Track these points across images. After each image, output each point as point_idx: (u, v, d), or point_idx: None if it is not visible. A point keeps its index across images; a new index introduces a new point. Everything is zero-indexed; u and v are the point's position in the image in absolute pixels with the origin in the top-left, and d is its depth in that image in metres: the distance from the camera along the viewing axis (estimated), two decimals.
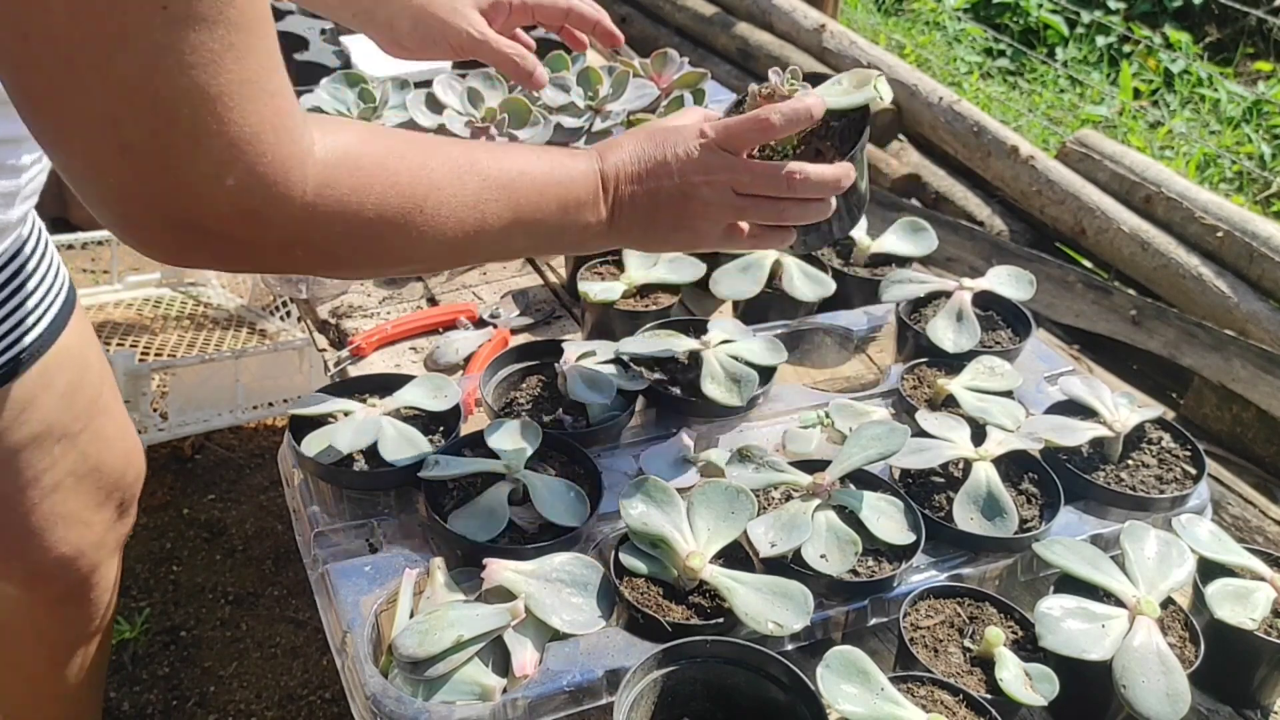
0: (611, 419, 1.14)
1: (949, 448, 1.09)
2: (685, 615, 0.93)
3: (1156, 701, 0.87)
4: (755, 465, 1.05)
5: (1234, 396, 2.67)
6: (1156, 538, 1.01)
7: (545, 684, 0.88)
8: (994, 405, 1.17)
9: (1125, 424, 1.13)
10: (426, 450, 1.07)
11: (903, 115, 3.38)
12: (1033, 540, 1.03)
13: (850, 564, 0.97)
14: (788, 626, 0.90)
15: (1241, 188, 3.91)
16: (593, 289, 1.29)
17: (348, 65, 1.75)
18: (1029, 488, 1.10)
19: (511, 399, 1.19)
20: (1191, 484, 1.12)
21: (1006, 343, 1.31)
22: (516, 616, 0.90)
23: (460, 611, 0.89)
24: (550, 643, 0.91)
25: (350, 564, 0.99)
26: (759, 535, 0.97)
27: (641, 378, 1.18)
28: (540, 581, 0.93)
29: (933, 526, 1.03)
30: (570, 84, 1.64)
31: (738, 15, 3.77)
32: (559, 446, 1.11)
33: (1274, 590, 1.00)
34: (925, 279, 1.34)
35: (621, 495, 0.98)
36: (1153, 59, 4.61)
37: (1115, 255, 2.93)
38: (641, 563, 0.96)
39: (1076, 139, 3.13)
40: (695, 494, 0.99)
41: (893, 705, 0.83)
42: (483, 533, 0.99)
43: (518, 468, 1.04)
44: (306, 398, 1.14)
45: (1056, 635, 0.91)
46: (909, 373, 1.25)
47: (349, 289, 1.43)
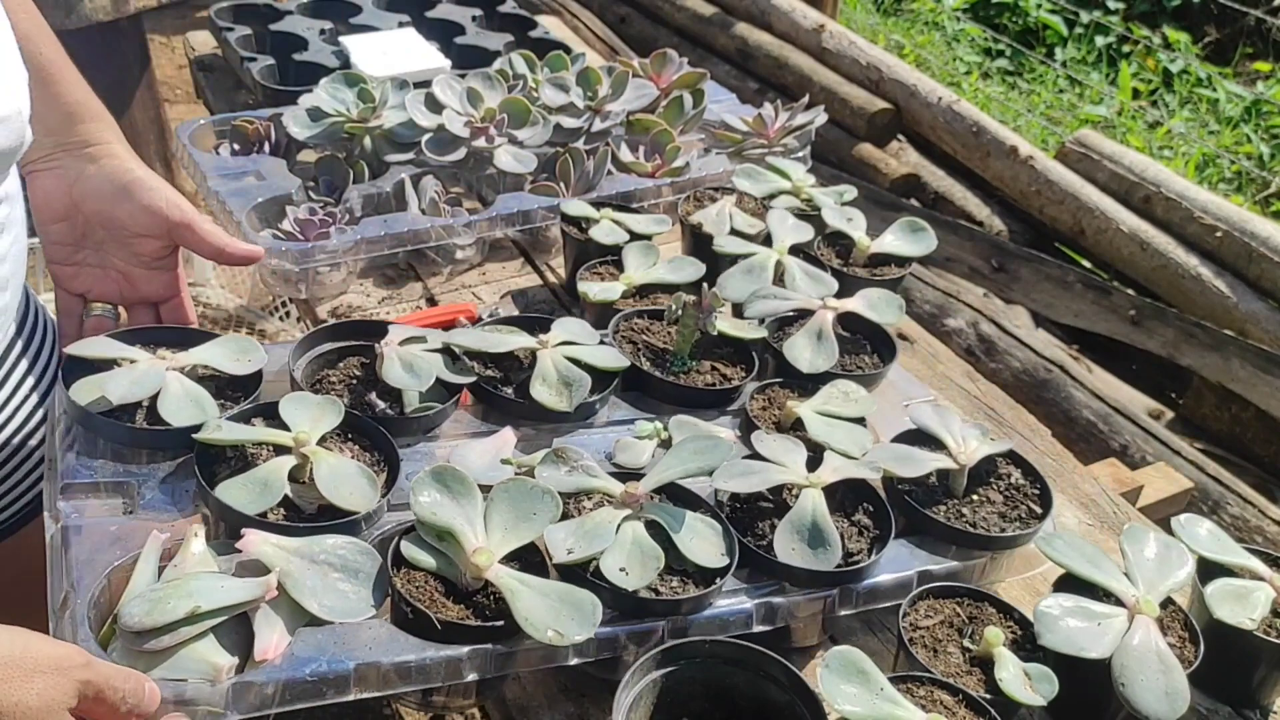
0: (428, 409, 1.07)
1: (779, 472, 1.02)
2: (462, 615, 0.87)
3: (1155, 700, 0.87)
4: (569, 468, 0.98)
5: (1233, 396, 2.67)
6: (1156, 539, 1.01)
7: (285, 670, 0.80)
8: (840, 431, 1.10)
9: (971, 457, 1.07)
10: (212, 413, 0.99)
11: (902, 115, 3.38)
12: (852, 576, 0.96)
13: (650, 579, 0.90)
14: (569, 637, 0.84)
15: (1240, 188, 3.91)
16: (592, 289, 1.29)
17: (347, 65, 1.75)
18: (862, 519, 1.03)
19: (323, 377, 1.12)
20: (1036, 522, 1.05)
21: (869, 367, 1.25)
22: (267, 591, 0.82)
23: (203, 582, 0.81)
24: (303, 628, 0.84)
25: (94, 521, 0.90)
26: (557, 540, 0.91)
27: (470, 371, 1.12)
28: (303, 561, 0.86)
29: (749, 553, 0.97)
30: (569, 84, 1.64)
31: (737, 15, 3.77)
32: (365, 431, 1.03)
33: (1273, 590, 1.00)
34: (790, 295, 1.27)
35: (413, 481, 0.91)
36: (1152, 59, 4.61)
37: (1114, 255, 2.93)
38: (426, 555, 0.88)
39: (1075, 139, 3.13)
40: (496, 490, 0.92)
41: (892, 705, 0.83)
42: (252, 505, 0.90)
43: (307, 441, 0.95)
44: (91, 339, 1.05)
45: (1055, 634, 0.91)
46: (759, 392, 1.18)
47: (348, 289, 1.43)
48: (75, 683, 0.72)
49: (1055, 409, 2.52)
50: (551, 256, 1.52)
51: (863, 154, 3.32)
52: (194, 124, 1.56)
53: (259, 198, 1.41)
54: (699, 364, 1.21)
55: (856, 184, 2.16)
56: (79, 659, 0.73)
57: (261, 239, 1.33)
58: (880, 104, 3.34)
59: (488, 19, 2.08)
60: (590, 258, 1.37)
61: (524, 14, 2.10)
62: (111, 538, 0.89)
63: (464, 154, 1.51)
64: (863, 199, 1.75)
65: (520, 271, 1.50)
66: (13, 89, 0.93)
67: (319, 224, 1.36)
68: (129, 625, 0.78)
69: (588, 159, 1.52)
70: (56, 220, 1.10)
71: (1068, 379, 2.55)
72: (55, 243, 1.11)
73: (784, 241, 1.36)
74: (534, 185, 1.51)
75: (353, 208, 1.45)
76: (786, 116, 1.66)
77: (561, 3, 3.58)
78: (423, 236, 1.40)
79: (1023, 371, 2.59)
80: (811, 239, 1.41)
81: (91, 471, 0.96)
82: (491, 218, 1.43)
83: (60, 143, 1.07)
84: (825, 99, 3.31)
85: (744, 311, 1.26)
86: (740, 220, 1.42)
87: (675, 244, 1.49)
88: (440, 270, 1.47)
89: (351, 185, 1.47)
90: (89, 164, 1.08)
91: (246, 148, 1.55)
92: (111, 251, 1.12)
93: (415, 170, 1.50)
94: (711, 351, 1.23)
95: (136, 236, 1.11)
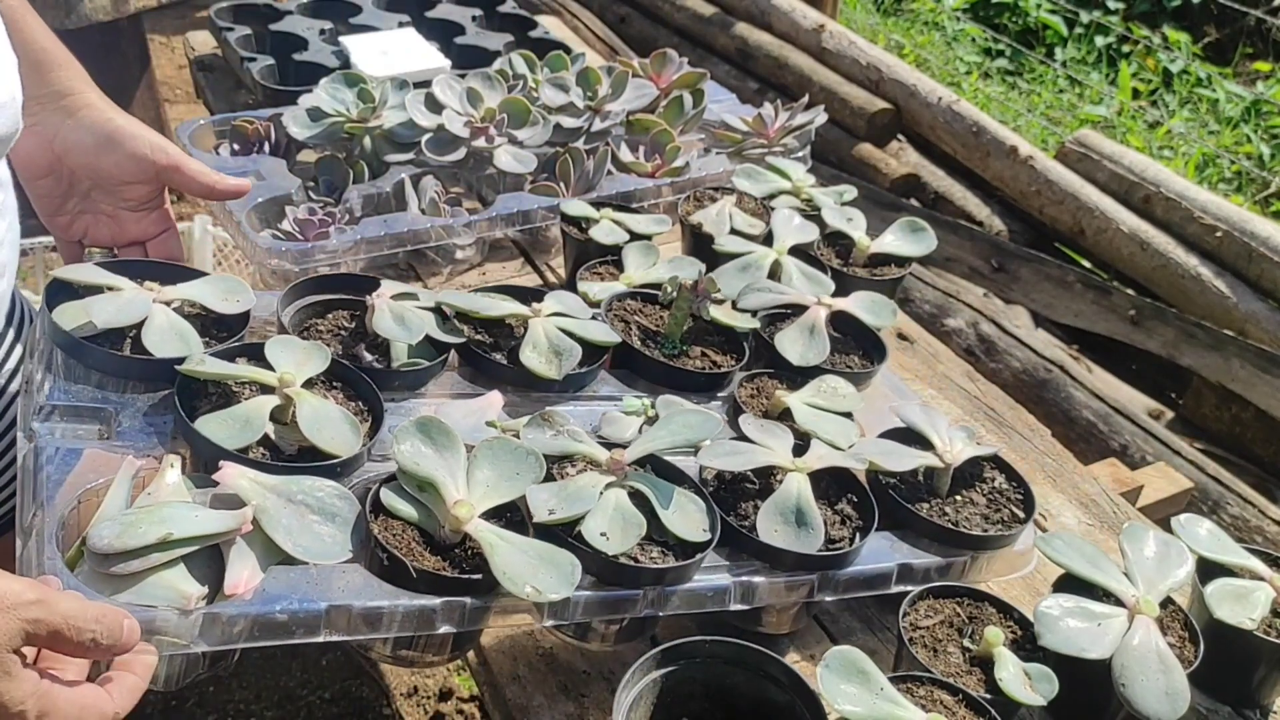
0: (415, 364, 1.07)
1: (764, 453, 1.02)
2: (438, 566, 0.85)
3: (1155, 700, 0.87)
4: (554, 431, 0.97)
5: (1233, 396, 2.67)
6: (1155, 538, 1.01)
7: (256, 605, 0.79)
8: (828, 422, 1.11)
9: (956, 457, 1.07)
10: (197, 348, 0.98)
11: (902, 115, 3.38)
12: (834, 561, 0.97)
13: (630, 546, 0.89)
14: (547, 593, 0.83)
15: (1240, 187, 3.91)
16: (592, 289, 1.29)
17: (346, 65, 1.75)
18: (846, 508, 1.03)
19: (311, 325, 1.11)
20: (1018, 526, 1.05)
21: (858, 367, 1.25)
22: (242, 523, 0.80)
23: (177, 510, 0.80)
24: (276, 566, 0.82)
25: (69, 444, 0.88)
26: (539, 500, 0.90)
27: (460, 334, 1.11)
28: (280, 499, 0.84)
29: (732, 531, 0.97)
30: (569, 84, 1.64)
31: (737, 15, 3.77)
32: (350, 381, 1.02)
33: (1273, 590, 1.00)
34: (784, 290, 1.27)
35: (397, 430, 0.90)
36: (1151, 59, 4.61)
37: (1114, 255, 2.93)
38: (406, 504, 0.87)
39: (1075, 139, 3.13)
40: (480, 447, 0.91)
41: (892, 705, 0.83)
42: (232, 440, 0.88)
43: (291, 383, 0.93)
44: (78, 265, 1.04)
45: (1056, 634, 0.91)
46: (749, 380, 1.19)
47: None
48: (20, 621, 0.69)
49: (1055, 409, 2.52)
50: (551, 256, 1.52)
51: (863, 154, 3.32)
52: (194, 124, 1.56)
53: (259, 198, 1.41)
54: (689, 349, 1.21)
55: (856, 184, 2.16)
56: (29, 595, 0.70)
57: (261, 239, 1.33)
58: (880, 104, 3.34)
59: (488, 19, 2.08)
60: (590, 258, 1.37)
61: (524, 14, 2.10)
62: (86, 461, 0.87)
63: (464, 154, 1.51)
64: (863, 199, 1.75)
65: (520, 271, 1.50)
66: (5, 75, 0.92)
67: (319, 224, 1.36)
68: (98, 547, 0.76)
69: (588, 159, 1.52)
70: (41, 176, 1.09)
71: (1068, 379, 2.55)
72: (43, 196, 1.11)
73: (785, 241, 1.36)
74: (534, 185, 1.51)
75: (353, 208, 1.45)
76: (786, 116, 1.66)
77: (561, 3, 3.57)
78: (423, 236, 1.40)
79: (1023, 371, 2.59)
80: (814, 239, 1.41)
81: (69, 395, 0.93)
82: (491, 218, 1.43)
83: (34, 96, 1.05)
84: (825, 99, 3.30)
85: (738, 303, 1.26)
86: (740, 220, 1.42)
87: (675, 244, 1.49)
88: (440, 270, 1.47)
89: (351, 185, 1.47)
90: (66, 117, 1.07)
91: (246, 148, 1.55)
92: (99, 199, 1.12)
93: (415, 170, 1.50)
94: (703, 338, 1.23)
95: (124, 184, 1.10)
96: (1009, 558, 1.05)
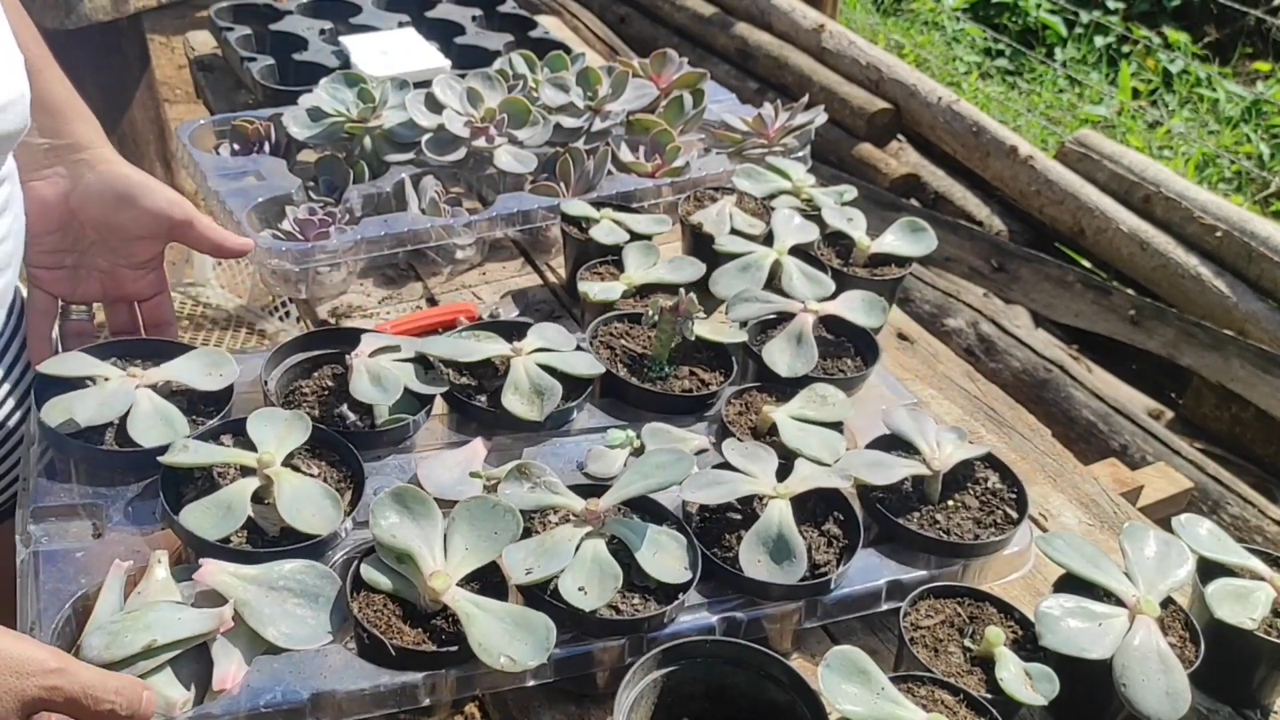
0: (398, 421, 1.07)
1: (746, 482, 1.00)
2: (418, 639, 0.86)
3: (1156, 700, 0.87)
4: (531, 484, 0.97)
5: (1233, 396, 2.67)
6: (1156, 538, 1.01)
7: (240, 701, 0.81)
8: (813, 437, 1.09)
9: (946, 462, 1.06)
10: (183, 432, 0.98)
11: (902, 115, 3.38)
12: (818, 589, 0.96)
13: (608, 598, 0.90)
14: (522, 663, 0.84)
15: (1240, 187, 3.91)
16: (592, 289, 1.29)
17: (346, 65, 1.75)
18: (832, 528, 1.02)
19: (296, 388, 1.11)
20: (1011, 528, 1.04)
21: (851, 370, 1.23)
22: (222, 624, 0.83)
23: (160, 614, 0.82)
24: (261, 656, 0.84)
25: (62, 548, 0.90)
26: (515, 561, 0.90)
27: (444, 380, 1.11)
28: (261, 588, 0.86)
29: (712, 566, 0.96)
30: (569, 84, 1.64)
31: (737, 15, 3.77)
32: (333, 445, 1.02)
33: (1274, 590, 1.00)
34: (771, 299, 1.25)
35: (374, 503, 0.91)
36: (1151, 59, 4.61)
37: (1114, 255, 2.93)
38: (385, 578, 0.89)
39: (1075, 139, 3.13)
40: (458, 509, 0.92)
41: (893, 705, 0.83)
42: (215, 530, 0.90)
43: (271, 462, 0.94)
44: (63, 355, 1.04)
45: (1056, 634, 0.91)
46: (736, 397, 1.17)
47: (348, 289, 1.43)
48: (38, 688, 0.71)
49: (1055, 409, 2.52)
50: (551, 256, 1.52)
51: (863, 154, 3.32)
52: (194, 124, 1.56)
53: (259, 198, 1.41)
54: (677, 369, 1.20)
55: (856, 184, 2.16)
56: (51, 663, 0.72)
57: (261, 239, 1.33)
58: (880, 104, 3.34)
59: (488, 19, 2.08)
60: (590, 258, 1.37)
61: (524, 14, 2.10)
62: (78, 565, 0.89)
63: (464, 154, 1.51)
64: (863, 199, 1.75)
65: (520, 271, 1.50)
66: (15, 74, 0.93)
67: (319, 224, 1.36)
68: (89, 658, 0.79)
69: (588, 159, 1.52)
70: (51, 231, 1.09)
71: (1068, 379, 2.55)
72: (45, 251, 1.10)
73: (785, 241, 1.36)
74: (534, 185, 1.51)
75: (353, 208, 1.45)
76: (786, 116, 1.66)
77: (561, 3, 3.58)
78: (423, 236, 1.40)
79: (1023, 371, 2.59)
80: (815, 239, 1.41)
81: (62, 494, 0.96)
82: (491, 218, 1.43)
83: (53, 145, 1.06)
84: (825, 99, 3.31)
85: (727, 313, 1.25)
86: (740, 220, 1.42)
87: (675, 244, 1.49)
88: (440, 270, 1.47)
89: (351, 185, 1.47)
90: (87, 171, 1.07)
91: (246, 148, 1.55)
92: (98, 254, 1.11)
93: (415, 170, 1.50)
94: (691, 356, 1.22)
95: (135, 239, 1.10)
96: (1004, 560, 1.05)
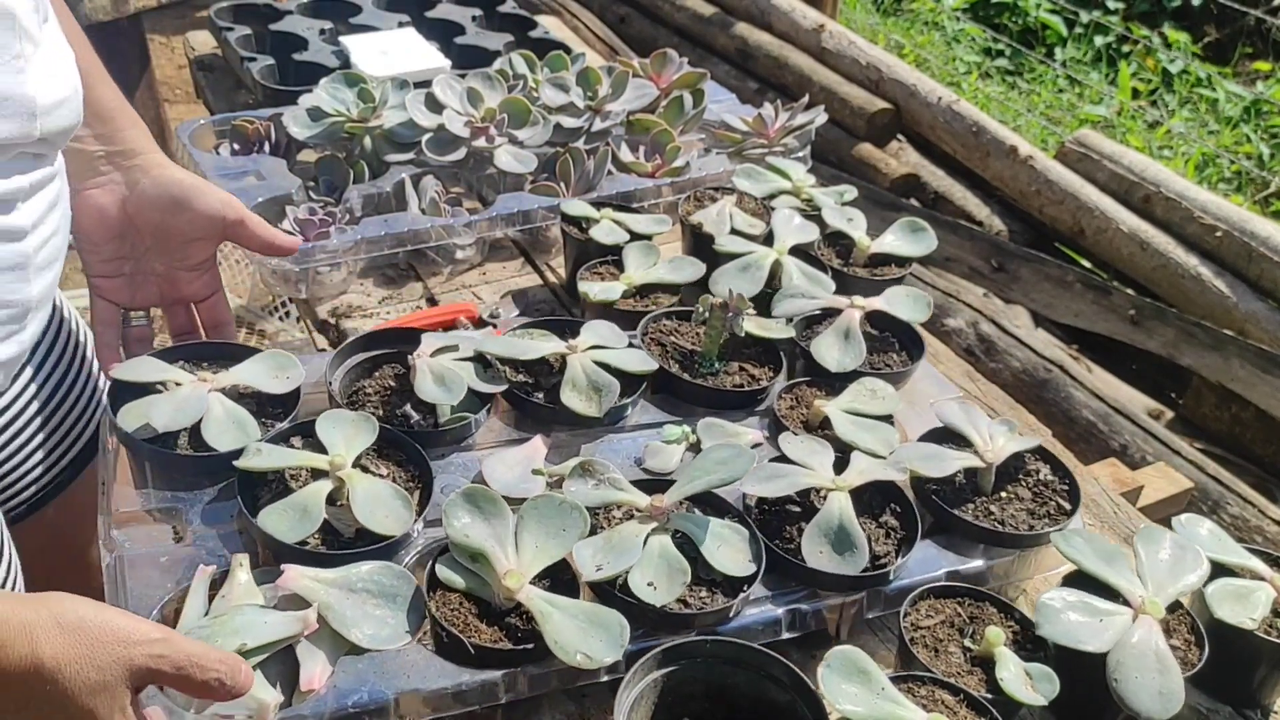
0: (461, 420, 1.08)
1: (805, 475, 1.02)
2: (494, 638, 0.88)
3: (1148, 698, 0.87)
4: (595, 481, 0.99)
5: (1233, 396, 2.67)
6: (1172, 541, 1.01)
7: (328, 702, 0.83)
8: (866, 430, 1.11)
9: (999, 454, 1.08)
10: (255, 435, 1.01)
11: (902, 115, 3.38)
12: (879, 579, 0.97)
13: (678, 593, 0.91)
14: (598, 660, 0.85)
15: (1240, 187, 3.91)
16: (592, 289, 1.29)
17: (347, 65, 1.75)
18: (889, 520, 1.04)
19: (360, 388, 1.13)
20: (1065, 519, 1.06)
21: (897, 365, 1.25)
22: (308, 627, 0.84)
23: (248, 617, 0.84)
24: (345, 657, 0.86)
25: (146, 553, 0.93)
26: (585, 557, 0.92)
27: (502, 378, 1.12)
28: (341, 591, 0.88)
29: (776, 558, 0.97)
30: (569, 84, 1.64)
31: (737, 15, 3.77)
32: (400, 445, 1.04)
33: (1274, 590, 0.99)
34: (817, 295, 1.28)
35: (446, 504, 0.92)
36: (1151, 59, 4.61)
37: (1114, 255, 2.93)
38: (460, 577, 0.90)
39: (1075, 139, 3.13)
40: (526, 508, 0.93)
41: (893, 705, 0.83)
42: (292, 533, 0.92)
43: (343, 465, 0.96)
44: (134, 361, 1.06)
45: (1055, 625, 0.91)
46: (787, 392, 1.19)
47: (348, 289, 1.43)
48: (145, 657, 0.73)
49: (1055, 409, 2.52)
50: (551, 256, 1.52)
51: (863, 154, 3.32)
52: (194, 124, 1.56)
53: (259, 198, 1.41)
54: (727, 365, 1.22)
55: (856, 184, 2.16)
56: (154, 634, 0.74)
57: None
58: (880, 104, 3.34)
59: (488, 19, 2.08)
60: (590, 258, 1.37)
61: (524, 14, 2.10)
62: (162, 569, 0.92)
63: (464, 154, 1.51)
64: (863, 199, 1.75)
65: (520, 271, 1.50)
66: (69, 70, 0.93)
67: (319, 224, 1.36)
68: None
69: (588, 159, 1.52)
70: (110, 239, 1.10)
71: (1068, 379, 2.55)
72: (105, 260, 1.12)
73: (785, 241, 1.36)
74: (534, 185, 1.51)
75: (353, 208, 1.45)
76: (786, 116, 1.66)
77: (561, 3, 3.57)
78: (423, 236, 1.40)
79: (1023, 371, 2.59)
80: (815, 239, 1.41)
81: (141, 499, 0.98)
82: (491, 218, 1.43)
83: (108, 152, 1.07)
84: (825, 99, 3.30)
85: (771, 310, 1.27)
86: (740, 220, 1.42)
87: (675, 244, 1.49)
88: (440, 270, 1.47)
89: (351, 185, 1.47)
90: (142, 176, 1.09)
91: (246, 148, 1.55)
92: (154, 259, 1.13)
93: (415, 170, 1.50)
94: (739, 352, 1.24)
95: (191, 241, 1.12)
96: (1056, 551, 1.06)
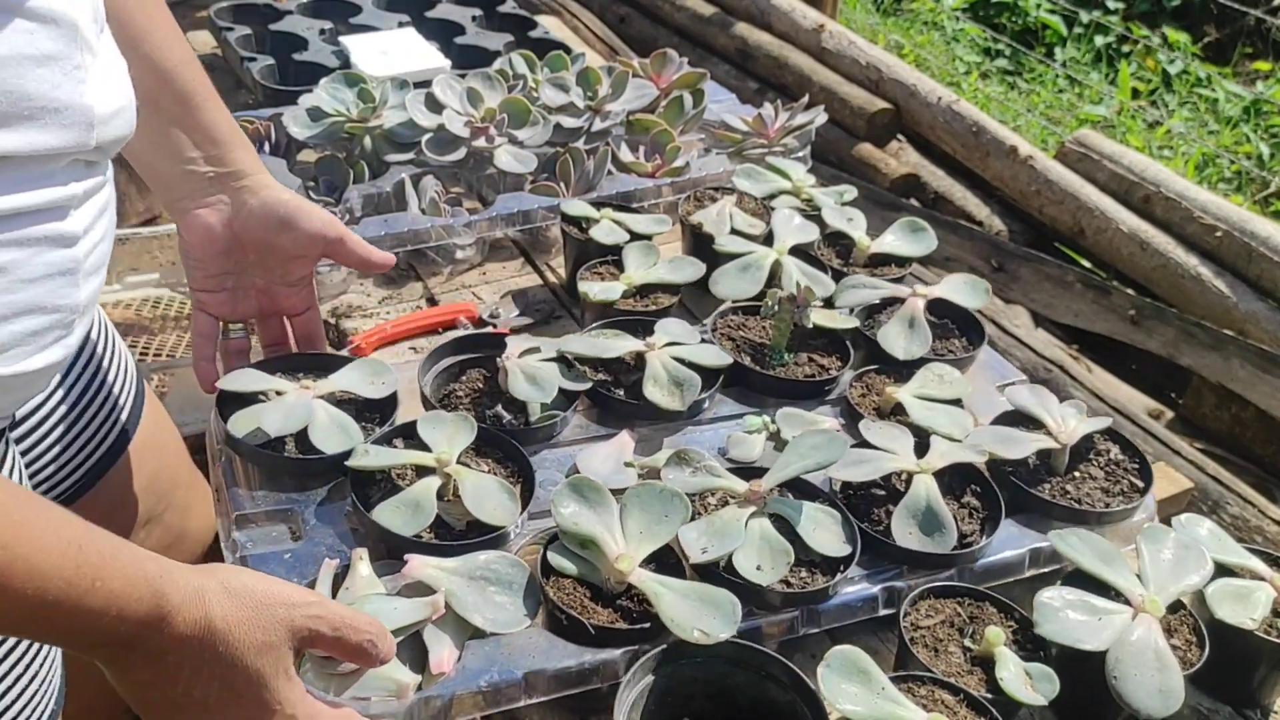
0: (551, 417, 1.13)
1: (890, 459, 1.07)
2: (611, 619, 0.92)
3: (1148, 696, 0.87)
4: (692, 469, 1.03)
5: (1233, 396, 2.67)
6: (1176, 540, 1.01)
7: (462, 683, 0.86)
8: (941, 415, 1.15)
9: (1071, 435, 1.11)
10: (358, 438, 1.06)
11: (902, 115, 3.38)
12: (969, 557, 1.01)
13: (782, 574, 0.95)
14: (714, 635, 0.87)
15: (1240, 187, 3.91)
16: (592, 289, 1.29)
17: (347, 65, 1.75)
18: (971, 500, 1.08)
19: (450, 391, 1.17)
20: (1139, 496, 1.09)
21: (959, 351, 1.29)
22: (436, 611, 0.88)
23: (378, 605, 0.88)
24: (470, 640, 0.90)
25: (270, 551, 0.97)
26: (690, 540, 0.95)
27: (585, 377, 1.16)
28: (463, 579, 0.92)
29: (869, 539, 1.01)
30: (569, 84, 1.64)
31: (736, 15, 3.77)
32: (495, 443, 1.09)
33: (1274, 590, 1.00)
34: (879, 285, 1.32)
35: (553, 494, 0.97)
36: (1151, 59, 4.61)
37: (1114, 255, 2.93)
38: (570, 563, 0.94)
39: (1075, 139, 3.13)
40: (628, 495, 0.97)
41: (893, 705, 0.83)
42: (407, 527, 0.97)
43: (449, 462, 1.01)
44: (238, 372, 1.11)
45: (1053, 623, 0.92)
46: (858, 380, 1.23)
47: (348, 289, 1.43)
48: (304, 618, 0.76)
49: None
50: (551, 256, 1.52)
51: (862, 154, 3.31)
52: None
53: None
54: (796, 356, 1.25)
55: (856, 184, 2.16)
56: (311, 598, 0.77)
57: None
58: (880, 104, 3.34)
59: (488, 19, 2.08)
60: (590, 258, 1.37)
61: (524, 14, 2.10)
62: (287, 565, 0.96)
63: (464, 154, 1.51)
64: (863, 199, 1.75)
65: (520, 271, 1.50)
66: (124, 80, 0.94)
67: None
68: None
69: (588, 159, 1.52)
70: (216, 255, 1.13)
71: (1068, 379, 2.55)
72: (210, 275, 1.14)
73: (785, 241, 1.36)
74: (534, 185, 1.51)
75: (353, 208, 1.45)
76: (786, 116, 1.66)
77: (561, 3, 3.57)
78: (423, 236, 1.40)
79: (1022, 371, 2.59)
80: (815, 239, 1.41)
81: (256, 501, 1.02)
82: (491, 218, 1.43)
83: (218, 174, 1.10)
84: (825, 99, 3.30)
85: (834, 302, 1.31)
86: (740, 220, 1.42)
87: (675, 244, 1.49)
88: (440, 270, 1.47)
89: (351, 185, 1.47)
90: (249, 197, 1.11)
91: None
92: (256, 273, 1.15)
93: (415, 170, 1.50)
94: (806, 343, 1.27)
95: (293, 259, 1.14)
96: (1131, 528, 1.09)
